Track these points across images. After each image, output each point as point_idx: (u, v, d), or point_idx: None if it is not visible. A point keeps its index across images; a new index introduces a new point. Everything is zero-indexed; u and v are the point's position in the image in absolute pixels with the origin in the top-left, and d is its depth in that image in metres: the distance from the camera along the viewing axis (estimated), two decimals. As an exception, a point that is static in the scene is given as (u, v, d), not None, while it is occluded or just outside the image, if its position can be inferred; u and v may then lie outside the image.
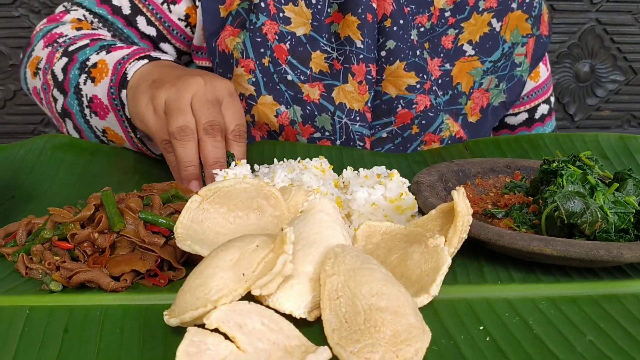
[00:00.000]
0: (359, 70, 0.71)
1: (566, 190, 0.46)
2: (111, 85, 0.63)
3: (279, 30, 0.71)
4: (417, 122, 0.74)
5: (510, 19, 0.77)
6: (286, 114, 0.72)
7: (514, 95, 0.80)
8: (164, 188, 0.51)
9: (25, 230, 0.48)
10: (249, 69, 0.71)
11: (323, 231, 0.41)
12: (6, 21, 1.13)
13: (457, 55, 0.76)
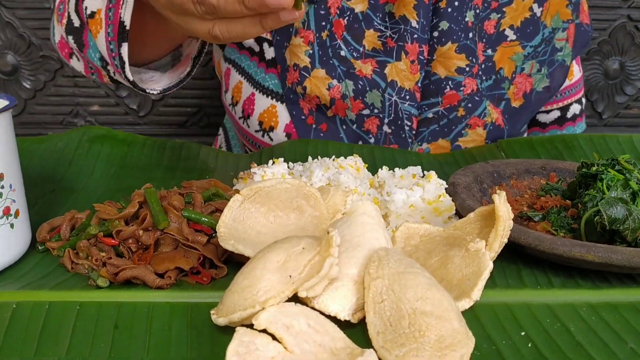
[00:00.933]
0: (413, 49, 0.71)
1: (609, 196, 0.45)
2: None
3: (340, 4, 0.71)
4: (464, 105, 0.74)
5: (551, 4, 0.77)
6: (338, 88, 0.72)
7: (558, 80, 0.79)
8: (203, 186, 0.51)
9: (69, 225, 0.50)
10: (307, 41, 0.71)
11: (366, 234, 0.41)
12: (37, 12, 1.14)
13: (499, 40, 0.75)
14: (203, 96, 1.24)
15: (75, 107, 1.21)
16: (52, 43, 0.75)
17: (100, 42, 0.58)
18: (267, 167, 0.55)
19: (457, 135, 0.74)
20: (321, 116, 0.74)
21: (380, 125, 0.72)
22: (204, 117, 1.24)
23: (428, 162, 0.69)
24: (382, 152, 0.70)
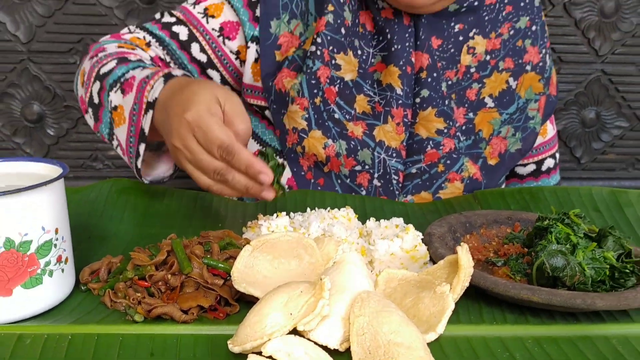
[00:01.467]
0: (398, 113, 0.82)
1: (550, 248, 0.55)
2: (130, 136, 0.72)
3: (330, 75, 0.82)
4: (443, 162, 0.84)
5: (525, 79, 0.88)
6: (333, 147, 0.82)
7: (528, 144, 0.90)
8: (219, 236, 0.61)
9: (106, 269, 0.59)
10: (303, 107, 0.81)
11: (352, 279, 0.51)
12: (62, 67, 1.25)
13: (479, 106, 0.86)
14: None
15: (94, 152, 1.32)
16: (75, 92, 0.87)
17: (121, 133, 0.73)
18: (272, 219, 0.65)
19: (438, 188, 0.84)
20: (318, 172, 0.84)
21: (371, 180, 0.83)
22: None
23: (413, 211, 0.79)
24: (372, 202, 0.80)
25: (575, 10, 1.28)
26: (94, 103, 0.77)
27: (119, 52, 0.80)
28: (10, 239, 0.50)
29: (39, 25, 1.21)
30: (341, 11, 0.81)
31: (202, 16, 0.86)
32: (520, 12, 0.85)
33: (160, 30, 0.86)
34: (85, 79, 0.80)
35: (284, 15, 0.84)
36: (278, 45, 0.84)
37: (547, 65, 0.88)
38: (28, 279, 0.52)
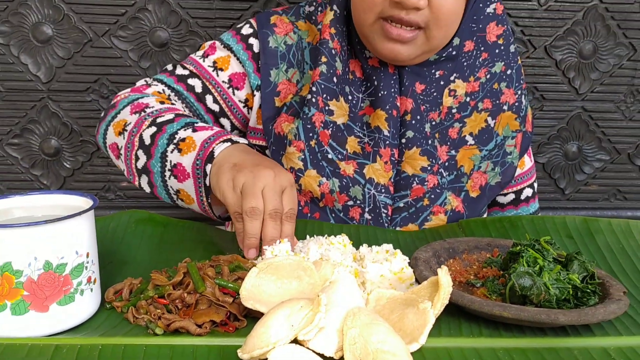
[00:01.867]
0: (385, 153, 0.90)
1: (519, 270, 0.63)
2: (197, 159, 0.79)
3: (324, 119, 0.91)
4: (428, 196, 0.92)
5: (502, 117, 0.96)
6: (327, 185, 0.90)
7: (507, 177, 0.98)
8: (229, 260, 0.69)
9: (128, 289, 0.67)
10: (299, 149, 0.90)
11: (345, 297, 0.58)
12: (79, 105, 1.34)
13: (460, 143, 0.95)
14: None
15: (107, 184, 1.40)
16: (99, 143, 0.94)
17: (187, 161, 0.80)
18: (276, 245, 0.72)
19: (424, 220, 0.92)
20: (314, 207, 0.92)
21: (362, 214, 0.91)
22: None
23: (403, 239, 0.87)
24: (366, 230, 0.88)
25: (556, 52, 1.38)
26: (144, 144, 0.84)
27: (169, 108, 0.88)
28: (49, 262, 0.58)
29: (59, 67, 1.30)
30: (333, 62, 0.90)
31: (212, 69, 0.95)
32: (495, 58, 0.94)
33: (176, 83, 0.94)
34: (131, 129, 0.86)
35: (282, 64, 0.93)
36: (277, 92, 0.93)
37: (523, 105, 0.97)
38: (63, 297, 0.59)
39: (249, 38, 0.96)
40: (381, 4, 0.82)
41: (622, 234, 0.85)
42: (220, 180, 0.75)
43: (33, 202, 0.66)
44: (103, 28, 1.29)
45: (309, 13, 0.97)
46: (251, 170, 0.74)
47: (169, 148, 0.82)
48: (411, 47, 0.84)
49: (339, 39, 0.90)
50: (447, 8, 0.82)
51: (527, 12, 1.36)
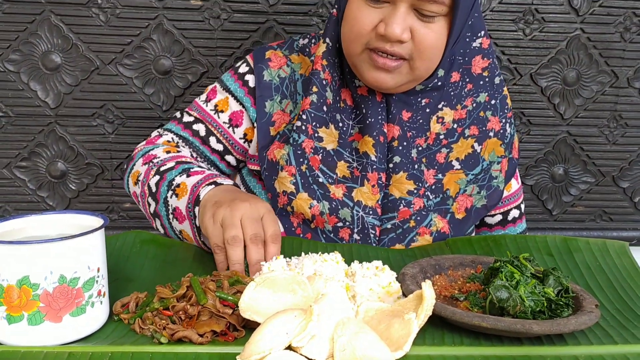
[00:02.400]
0: (373, 177, 0.96)
1: (497, 284, 0.68)
2: (188, 203, 0.89)
3: (314, 145, 0.96)
4: (414, 218, 0.97)
5: (488, 144, 1.02)
6: (317, 207, 0.95)
7: (493, 200, 1.03)
8: (228, 275, 0.74)
9: (135, 302, 0.72)
10: (291, 173, 0.95)
11: (336, 308, 0.63)
12: (86, 129, 1.40)
13: (447, 168, 1.00)
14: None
15: (111, 205, 1.45)
16: (127, 190, 1.04)
17: (182, 204, 0.89)
18: (272, 261, 0.77)
19: (410, 241, 0.97)
20: (306, 228, 0.97)
21: (352, 234, 0.96)
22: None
23: (393, 256, 0.92)
24: (358, 248, 0.93)
25: (541, 79, 1.45)
26: (152, 192, 0.94)
27: (172, 157, 0.97)
28: (64, 276, 0.63)
29: (67, 93, 1.37)
30: (324, 91, 0.96)
31: (214, 112, 1.03)
32: (480, 89, 1.00)
33: (183, 131, 1.03)
34: (142, 179, 0.97)
35: (276, 96, 1.00)
36: (272, 122, 0.99)
37: (508, 132, 1.02)
38: (75, 309, 0.64)
39: (245, 75, 1.03)
40: (367, 36, 0.88)
41: (598, 252, 0.90)
42: (203, 218, 0.83)
43: (47, 221, 0.71)
44: (109, 56, 1.35)
45: (302, 46, 1.04)
46: (229, 204, 0.81)
47: (168, 194, 0.92)
48: (396, 76, 0.90)
49: (330, 70, 0.97)
50: (429, 42, 0.87)
51: (513, 42, 1.43)
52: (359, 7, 0.88)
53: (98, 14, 1.33)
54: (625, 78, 1.47)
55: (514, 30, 1.42)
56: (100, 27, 1.34)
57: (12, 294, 0.61)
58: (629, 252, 0.90)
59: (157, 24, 1.35)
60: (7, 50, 1.33)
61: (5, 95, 1.35)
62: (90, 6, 1.32)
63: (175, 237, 0.94)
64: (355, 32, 0.89)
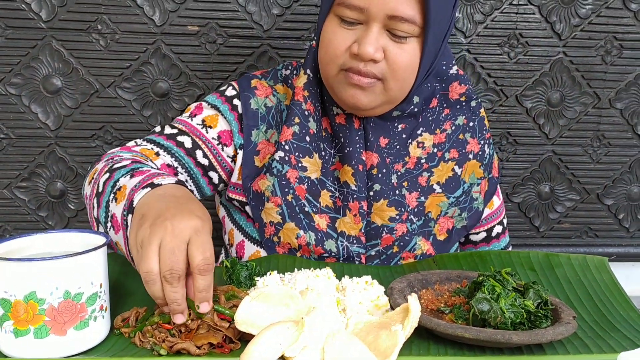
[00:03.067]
0: (354, 206, 0.98)
1: (479, 296, 0.72)
2: (124, 210, 0.77)
3: (298, 175, 0.99)
4: (397, 244, 1.00)
5: (468, 166, 1.06)
6: (304, 237, 0.97)
7: (473, 221, 1.06)
8: (225, 290, 0.77)
9: (135, 316, 0.75)
10: (277, 204, 0.97)
11: (327, 320, 0.67)
12: (85, 150, 1.44)
13: (429, 191, 1.03)
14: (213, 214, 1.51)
15: (108, 224, 1.48)
16: (82, 192, 0.96)
17: (119, 211, 0.79)
18: (266, 277, 0.81)
19: (394, 265, 1.00)
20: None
21: (337, 262, 0.98)
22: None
23: (383, 272, 0.95)
24: (349, 265, 0.97)
25: (526, 100, 1.50)
26: (98, 192, 0.84)
27: (134, 156, 0.91)
28: (69, 291, 0.66)
29: (67, 115, 1.41)
30: (306, 122, 0.99)
31: (202, 127, 1.00)
32: (457, 112, 1.05)
33: (166, 141, 0.97)
34: (95, 176, 0.87)
35: (262, 125, 1.01)
36: (257, 151, 1.00)
37: (487, 153, 1.07)
38: (79, 323, 0.67)
39: (233, 99, 1.02)
40: (342, 57, 0.90)
41: (579, 267, 0.94)
42: (130, 237, 0.72)
43: (52, 239, 0.75)
44: (109, 80, 1.40)
45: (285, 76, 1.04)
46: (151, 223, 0.69)
47: (110, 197, 0.81)
48: (370, 94, 0.91)
49: (312, 100, 0.99)
50: (402, 62, 0.89)
51: (498, 65, 1.48)
52: (333, 30, 0.91)
53: (98, 39, 1.38)
54: (607, 99, 1.52)
55: (499, 54, 1.48)
56: (100, 51, 1.38)
57: (19, 309, 0.65)
58: (608, 267, 0.94)
59: (155, 49, 1.39)
60: (9, 74, 1.37)
61: (7, 118, 1.39)
62: (90, 32, 1.37)
63: (112, 249, 0.82)
64: (330, 53, 0.92)
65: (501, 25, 1.46)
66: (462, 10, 1.44)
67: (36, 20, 1.35)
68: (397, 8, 0.86)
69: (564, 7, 1.46)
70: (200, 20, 1.39)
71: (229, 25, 1.40)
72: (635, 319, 0.81)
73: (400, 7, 0.86)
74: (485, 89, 1.49)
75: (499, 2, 1.45)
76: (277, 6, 1.40)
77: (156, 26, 1.38)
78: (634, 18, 1.49)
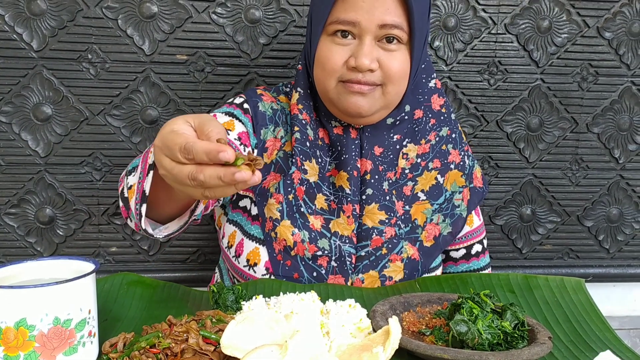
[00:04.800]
0: (348, 208, 1.04)
1: (457, 318, 0.74)
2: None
3: (300, 177, 1.04)
4: (386, 246, 1.04)
5: (450, 175, 1.11)
6: (299, 235, 1.02)
7: (457, 227, 1.12)
8: (210, 314, 0.79)
9: (123, 342, 0.76)
10: (278, 201, 1.03)
11: (310, 343, 0.69)
12: (74, 177, 1.45)
13: (414, 199, 1.09)
14: (201, 238, 1.53)
15: (97, 249, 1.50)
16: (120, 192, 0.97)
17: (132, 205, 0.86)
18: (252, 301, 0.83)
19: (382, 267, 1.04)
20: (287, 255, 1.04)
21: (329, 262, 1.03)
22: (201, 255, 1.53)
23: (367, 294, 0.98)
24: (334, 287, 0.99)
25: (506, 125, 1.55)
26: (124, 197, 0.88)
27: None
28: (58, 317, 0.68)
29: (56, 142, 1.43)
30: (305, 130, 1.07)
31: None
32: (442, 123, 1.11)
33: None
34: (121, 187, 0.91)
35: (270, 125, 1.09)
36: (265, 149, 1.08)
37: (467, 164, 1.13)
38: (68, 348, 0.69)
39: (244, 104, 1.10)
40: (340, 71, 0.98)
41: (556, 289, 0.97)
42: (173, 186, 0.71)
43: (42, 266, 0.77)
44: (98, 107, 1.43)
45: (286, 92, 1.15)
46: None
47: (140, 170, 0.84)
48: (371, 99, 0.99)
49: (307, 112, 1.08)
50: (396, 67, 0.98)
51: (479, 91, 1.53)
52: (329, 47, 0.99)
53: (88, 68, 1.41)
54: (584, 124, 1.57)
55: (479, 81, 1.52)
56: (90, 80, 1.41)
57: (9, 335, 0.66)
58: (585, 288, 0.97)
59: (144, 77, 1.43)
60: (0, 102, 1.39)
61: (-3, 145, 1.41)
62: (81, 61, 1.40)
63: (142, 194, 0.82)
64: (328, 69, 1.00)
65: (481, 53, 1.51)
66: (443, 39, 1.49)
67: (27, 49, 1.38)
68: (386, 17, 0.95)
69: (541, 35, 1.52)
70: (188, 50, 1.43)
71: (217, 54, 1.44)
72: (610, 339, 0.84)
73: (388, 17, 0.95)
74: (466, 115, 1.53)
75: (478, 31, 1.50)
76: (264, 35, 1.45)
77: (145, 55, 1.42)
78: (609, 46, 1.54)
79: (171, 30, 1.41)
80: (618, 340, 0.83)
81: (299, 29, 1.46)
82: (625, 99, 1.57)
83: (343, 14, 0.96)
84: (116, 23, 1.39)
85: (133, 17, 1.40)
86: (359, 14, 0.95)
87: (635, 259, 1.66)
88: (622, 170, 1.61)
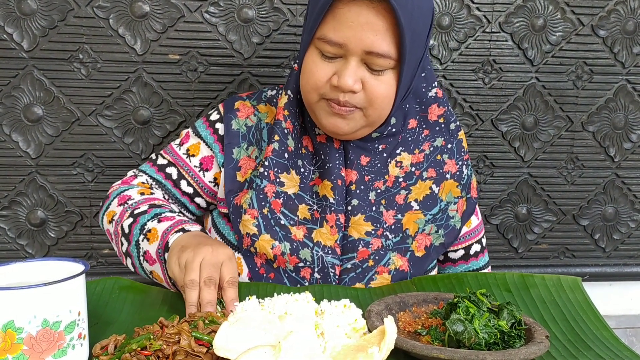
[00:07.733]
0: (331, 218, 1.01)
1: (453, 317, 0.73)
2: (159, 248, 0.95)
3: (275, 190, 1.02)
4: (372, 258, 1.02)
5: (445, 185, 1.09)
6: (279, 247, 1.00)
7: (450, 239, 1.09)
8: (203, 315, 0.78)
9: (113, 344, 0.75)
10: (253, 216, 1.01)
11: (304, 344, 0.68)
12: (66, 178, 1.44)
13: (406, 208, 1.06)
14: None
15: (89, 251, 1.48)
16: (102, 229, 1.11)
17: (153, 248, 0.96)
18: (245, 302, 0.82)
19: (369, 280, 1.02)
20: (269, 267, 1.02)
21: (312, 274, 1.01)
22: (195, 257, 1.51)
23: (362, 294, 0.96)
24: (329, 288, 0.98)
25: (501, 124, 1.54)
26: (124, 233, 1.01)
27: (145, 199, 1.04)
28: (47, 320, 0.66)
29: (48, 143, 1.41)
30: (285, 140, 1.04)
31: (186, 156, 1.10)
32: (436, 134, 1.08)
33: (157, 173, 1.10)
34: (116, 219, 1.04)
35: (243, 143, 1.08)
36: (239, 167, 1.07)
37: (464, 174, 1.10)
38: (57, 351, 0.68)
39: (216, 123, 1.10)
40: (323, 87, 0.95)
41: (553, 288, 0.96)
42: (170, 262, 0.90)
43: (30, 267, 0.75)
44: (90, 108, 1.41)
45: (270, 97, 1.13)
46: (193, 249, 0.87)
47: (140, 237, 0.99)
48: (351, 122, 0.96)
49: (292, 120, 1.05)
50: (379, 92, 0.94)
51: (474, 90, 1.52)
52: (315, 62, 0.96)
53: (80, 68, 1.39)
54: (579, 122, 1.57)
55: (474, 80, 1.52)
56: (81, 80, 1.40)
57: (-4, 338, 0.65)
58: (582, 286, 0.96)
59: (136, 77, 1.41)
60: (-10, 103, 1.38)
61: (-13, 147, 1.39)
62: (72, 61, 1.39)
63: (145, 275, 1.01)
64: (311, 84, 0.97)
65: (475, 52, 1.51)
66: (437, 38, 1.49)
67: (17, 50, 1.37)
68: (374, 45, 0.90)
69: (536, 34, 1.51)
70: (181, 49, 1.42)
71: (209, 54, 1.43)
72: (607, 337, 0.83)
73: (376, 44, 0.90)
74: (461, 114, 1.52)
75: (473, 30, 1.49)
76: (257, 35, 1.43)
77: (137, 55, 1.40)
78: (603, 44, 1.54)
79: (163, 29, 1.40)
80: (615, 338, 0.82)
81: (292, 28, 1.44)
82: (620, 97, 1.57)
83: (331, 33, 0.91)
84: (107, 22, 1.38)
85: (125, 16, 1.38)
86: (347, 35, 0.90)
87: (631, 257, 1.66)
88: (617, 169, 1.60)
